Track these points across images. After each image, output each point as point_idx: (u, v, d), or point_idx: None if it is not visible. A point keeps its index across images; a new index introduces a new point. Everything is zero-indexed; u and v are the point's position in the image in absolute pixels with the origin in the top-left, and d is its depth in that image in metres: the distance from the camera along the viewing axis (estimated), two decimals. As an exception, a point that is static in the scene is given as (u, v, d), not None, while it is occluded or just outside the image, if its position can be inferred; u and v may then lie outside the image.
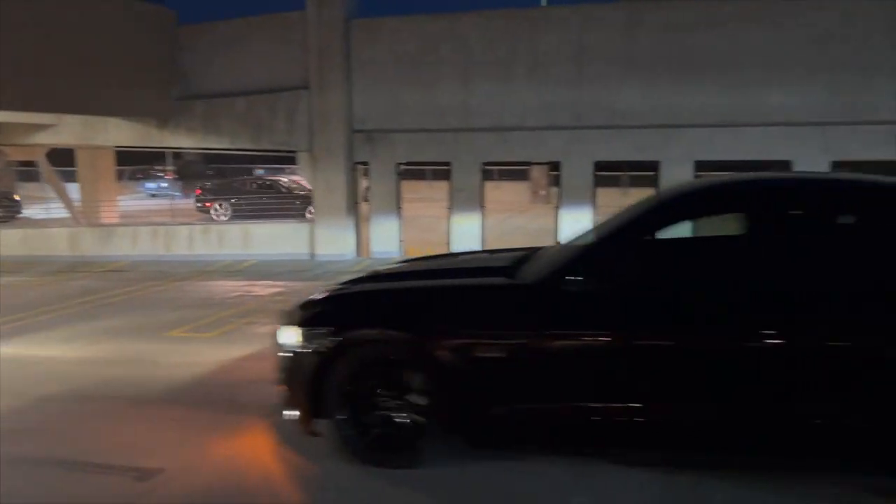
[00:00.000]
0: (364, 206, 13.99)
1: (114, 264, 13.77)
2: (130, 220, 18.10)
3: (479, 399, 3.56)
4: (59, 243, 15.09)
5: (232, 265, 13.30)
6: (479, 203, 13.19)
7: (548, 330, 3.50)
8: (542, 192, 20.52)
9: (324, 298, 4.08)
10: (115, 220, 17.19)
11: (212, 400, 5.15)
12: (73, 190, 17.90)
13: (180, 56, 14.19)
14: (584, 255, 3.64)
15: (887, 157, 11.50)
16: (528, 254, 4.25)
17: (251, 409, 4.77)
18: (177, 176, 27.72)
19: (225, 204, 18.97)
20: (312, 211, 14.67)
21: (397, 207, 13.62)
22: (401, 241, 13.58)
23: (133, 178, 28.82)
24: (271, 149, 14.24)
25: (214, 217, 18.87)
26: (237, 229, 15.04)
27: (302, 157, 13.87)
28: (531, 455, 3.80)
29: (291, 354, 3.86)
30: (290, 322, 3.93)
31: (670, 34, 12.01)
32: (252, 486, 3.74)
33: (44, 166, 17.82)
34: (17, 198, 21.58)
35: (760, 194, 3.78)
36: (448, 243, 13.04)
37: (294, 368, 3.84)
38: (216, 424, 4.59)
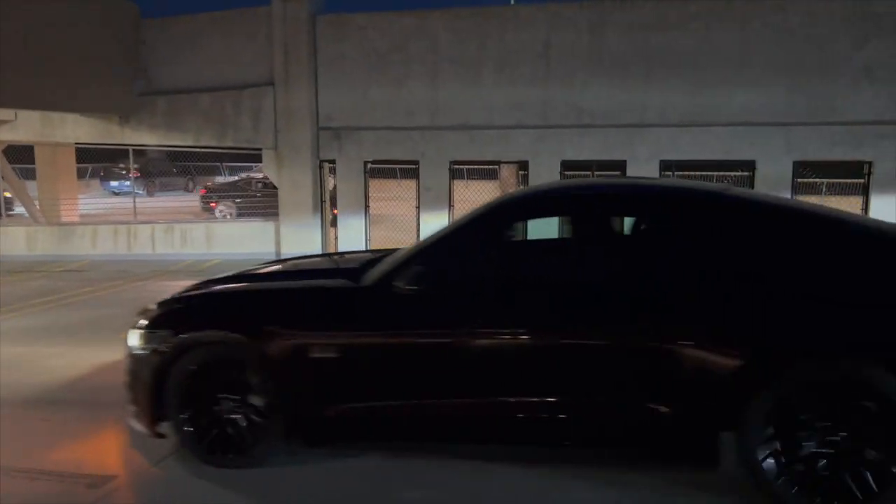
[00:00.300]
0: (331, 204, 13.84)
1: (73, 264, 13.42)
2: (114, 219, 17.62)
3: (315, 399, 3.66)
4: (16, 243, 14.67)
5: (195, 264, 13.05)
6: (447, 202, 13.12)
7: (376, 331, 3.65)
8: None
9: (168, 300, 4.12)
10: (75, 219, 16.77)
11: (75, 401, 5.12)
12: (33, 188, 17.41)
13: (143, 51, 13.89)
14: (413, 258, 3.73)
15: (848, 156, 11.73)
16: (385, 255, 4.33)
17: (113, 410, 4.63)
18: (140, 174, 27.18)
19: (230, 203, 18.74)
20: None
21: (364, 206, 13.49)
22: (367, 239, 13.46)
23: (96, 175, 28.16)
24: (236, 146, 14.00)
25: (219, 216, 18.59)
26: (201, 228, 14.77)
27: (267, 155, 13.65)
28: (368, 453, 3.94)
29: (135, 356, 3.91)
30: (136, 324, 3.98)
31: (636, 34, 12.07)
32: (77, 489, 3.68)
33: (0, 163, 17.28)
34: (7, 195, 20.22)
35: (566, 201, 4.06)
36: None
37: (137, 370, 3.88)
38: (68, 427, 4.57)
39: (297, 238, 13.42)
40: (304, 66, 13.07)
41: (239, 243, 13.92)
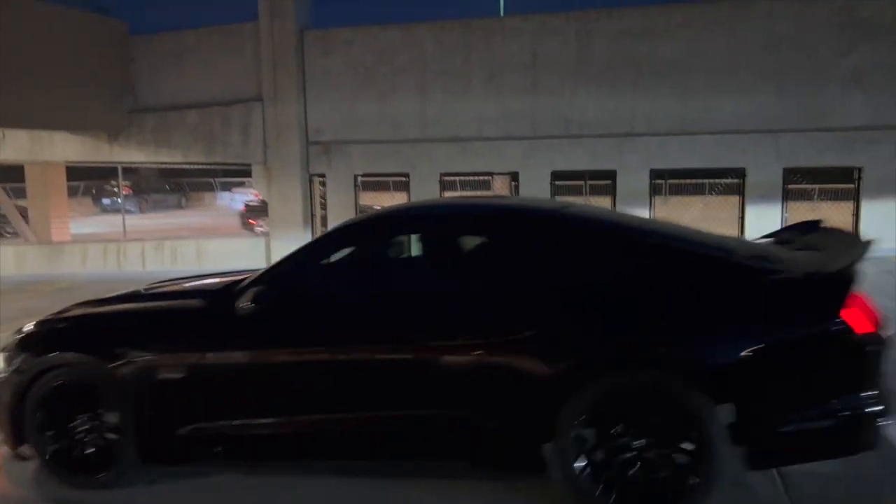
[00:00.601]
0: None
1: (63, 283, 13.33)
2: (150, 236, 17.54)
3: (167, 419, 3.75)
4: (6, 262, 14.59)
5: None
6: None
7: (218, 351, 3.74)
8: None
9: (33, 323, 4.19)
10: (67, 238, 16.69)
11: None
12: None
13: (131, 68, 13.88)
14: (257, 278, 3.82)
15: (837, 163, 11.71)
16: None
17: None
18: (133, 190, 27.10)
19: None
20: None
21: (355, 220, 13.42)
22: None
23: (88, 193, 28.12)
24: (225, 162, 14.00)
25: (258, 233, 18.41)
26: (192, 245, 14.71)
27: (257, 170, 13.63)
28: (224, 471, 4.02)
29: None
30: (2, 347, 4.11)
31: (623, 42, 12.07)
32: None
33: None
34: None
35: (403, 222, 4.22)
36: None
37: (0, 393, 3.93)
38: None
39: (287, 253, 13.33)
40: (291, 80, 13.06)
41: (229, 259, 13.81)
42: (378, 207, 16.56)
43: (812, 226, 4.31)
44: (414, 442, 3.61)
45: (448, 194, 15.43)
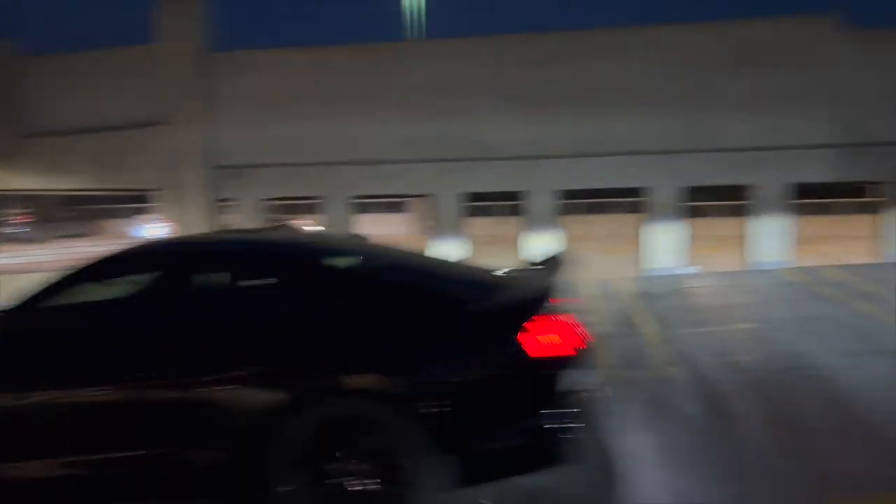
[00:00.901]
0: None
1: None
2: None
3: None
4: None
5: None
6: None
7: None
8: (431, 223, 20.61)
9: None
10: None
11: None
12: None
13: (25, 91, 13.20)
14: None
15: (728, 181, 12.39)
16: None
17: None
18: (33, 219, 25.74)
19: None
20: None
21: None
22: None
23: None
24: (127, 188, 13.47)
25: None
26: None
27: (160, 196, 13.16)
28: None
29: None
30: None
31: (530, 68, 12.43)
32: None
33: None
34: None
35: (133, 261, 4.18)
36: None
37: None
38: None
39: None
40: (196, 103, 12.75)
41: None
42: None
43: (554, 258, 4.48)
44: (147, 484, 3.56)
45: (363, 217, 15.44)
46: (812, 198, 16.72)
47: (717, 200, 15.06)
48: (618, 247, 15.59)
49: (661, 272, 12.14)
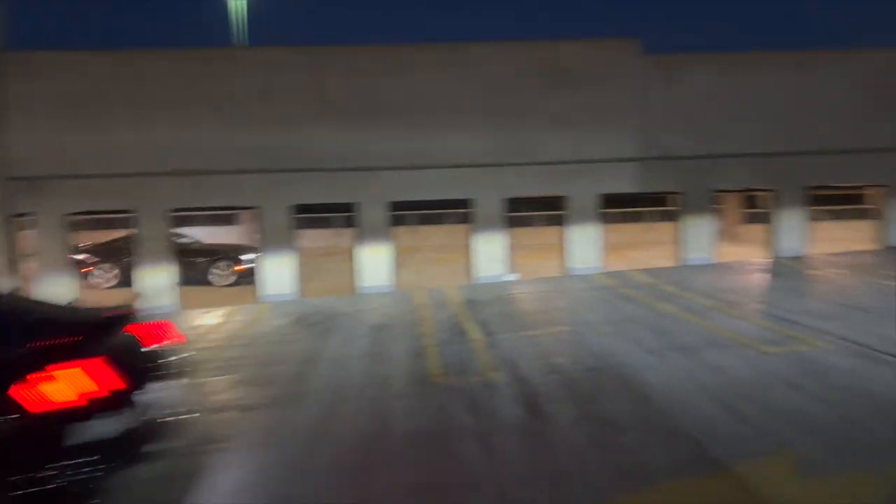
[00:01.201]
0: (31, 264, 12.08)
1: None
2: None
3: None
4: None
5: None
6: (167, 254, 12.16)
7: None
8: (258, 237, 19.84)
9: None
10: None
11: None
12: None
13: None
14: None
15: (548, 192, 13.10)
16: None
17: None
18: None
19: (109, 266, 14.76)
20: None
21: (68, 263, 11.99)
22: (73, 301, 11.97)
23: None
24: None
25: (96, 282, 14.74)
26: None
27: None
28: None
29: None
30: None
31: (357, 80, 12.40)
32: None
33: None
34: None
35: None
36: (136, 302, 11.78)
37: None
38: None
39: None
40: (-19, 107, 11.34)
41: None
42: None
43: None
44: None
45: (185, 230, 14.57)
46: (622, 207, 18.13)
47: (538, 211, 15.89)
48: (449, 256, 15.96)
49: (489, 280, 12.58)
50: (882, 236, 14.02)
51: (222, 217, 20.57)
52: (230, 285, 14.26)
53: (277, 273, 12.39)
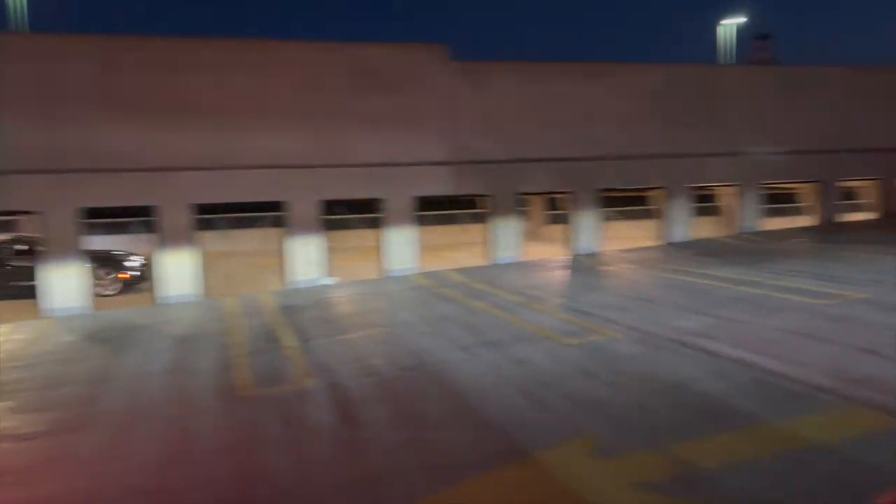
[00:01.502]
0: None
1: None
2: None
3: None
4: None
5: None
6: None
7: None
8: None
9: None
10: None
11: None
12: None
13: None
14: None
15: (365, 195, 13.06)
16: None
17: None
18: None
19: None
20: None
21: None
22: None
23: None
24: None
25: None
26: None
27: None
28: None
29: None
30: None
31: (153, 74, 11.49)
32: None
33: None
34: None
35: None
36: None
37: None
38: None
39: None
40: None
41: None
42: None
43: None
44: None
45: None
46: (437, 209, 18.60)
47: (355, 213, 15.81)
48: (263, 261, 15.38)
49: (304, 284, 12.26)
50: (664, 233, 15.67)
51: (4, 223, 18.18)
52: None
53: (63, 285, 11.12)
